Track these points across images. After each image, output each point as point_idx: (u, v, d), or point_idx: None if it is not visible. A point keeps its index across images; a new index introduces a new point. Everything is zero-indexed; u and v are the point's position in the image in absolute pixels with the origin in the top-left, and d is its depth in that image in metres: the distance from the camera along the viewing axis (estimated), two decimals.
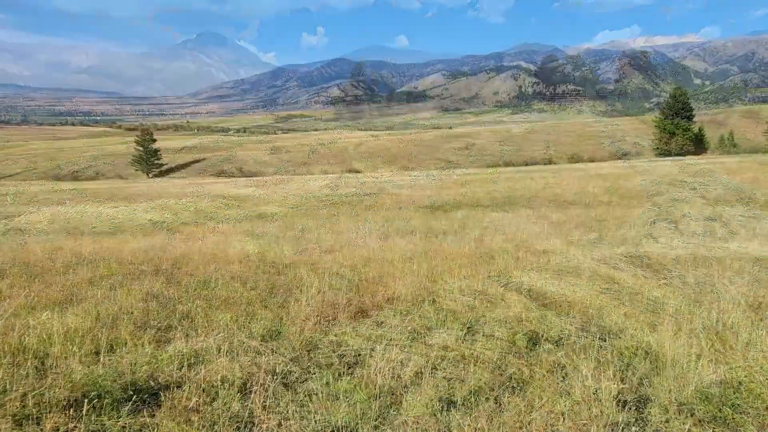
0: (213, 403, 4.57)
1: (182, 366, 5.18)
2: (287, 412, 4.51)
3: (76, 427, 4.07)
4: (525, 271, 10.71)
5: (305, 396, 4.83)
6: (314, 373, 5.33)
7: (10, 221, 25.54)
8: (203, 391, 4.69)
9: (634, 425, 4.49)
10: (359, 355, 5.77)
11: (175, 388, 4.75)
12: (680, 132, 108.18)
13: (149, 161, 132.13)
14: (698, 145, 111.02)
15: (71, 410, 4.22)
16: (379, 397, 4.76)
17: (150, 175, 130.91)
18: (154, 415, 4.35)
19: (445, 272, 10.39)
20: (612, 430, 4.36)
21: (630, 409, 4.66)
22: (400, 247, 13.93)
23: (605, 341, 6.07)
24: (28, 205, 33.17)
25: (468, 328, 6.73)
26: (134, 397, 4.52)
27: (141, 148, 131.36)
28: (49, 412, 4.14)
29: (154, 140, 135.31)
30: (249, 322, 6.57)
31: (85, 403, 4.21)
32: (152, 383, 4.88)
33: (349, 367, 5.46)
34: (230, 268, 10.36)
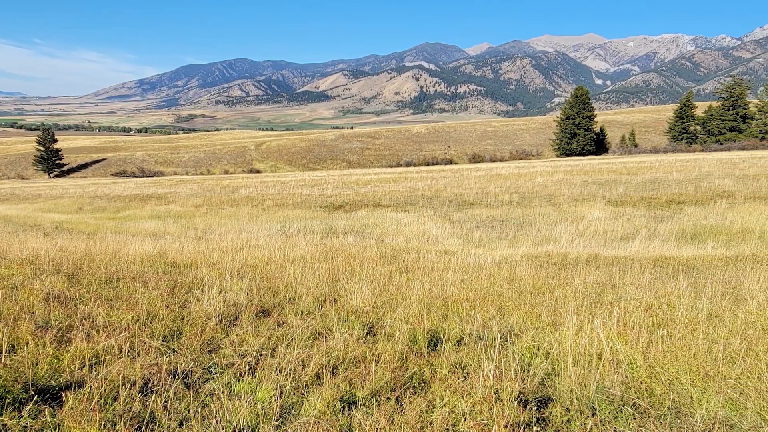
0: (114, 403, 4.58)
1: (83, 366, 5.21)
2: (188, 412, 4.57)
3: None
4: (426, 271, 11.10)
5: (207, 396, 4.89)
6: (216, 373, 5.41)
7: None
8: (104, 391, 4.71)
9: (535, 425, 4.53)
10: (261, 355, 5.86)
11: (77, 388, 4.75)
12: (581, 132, 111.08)
13: (51, 161, 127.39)
14: (599, 145, 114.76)
15: None
16: (281, 397, 4.83)
17: (51, 175, 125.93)
18: (55, 414, 4.37)
19: (347, 272, 10.68)
20: (513, 429, 4.39)
21: (531, 408, 4.71)
22: (301, 246, 14.13)
23: (507, 341, 6.23)
24: None
25: (369, 328, 6.93)
26: (36, 397, 4.51)
27: (42, 148, 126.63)
28: None
29: (56, 140, 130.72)
30: (150, 322, 6.62)
31: None
32: (54, 383, 4.90)
33: (251, 367, 5.52)
34: (132, 268, 10.31)
